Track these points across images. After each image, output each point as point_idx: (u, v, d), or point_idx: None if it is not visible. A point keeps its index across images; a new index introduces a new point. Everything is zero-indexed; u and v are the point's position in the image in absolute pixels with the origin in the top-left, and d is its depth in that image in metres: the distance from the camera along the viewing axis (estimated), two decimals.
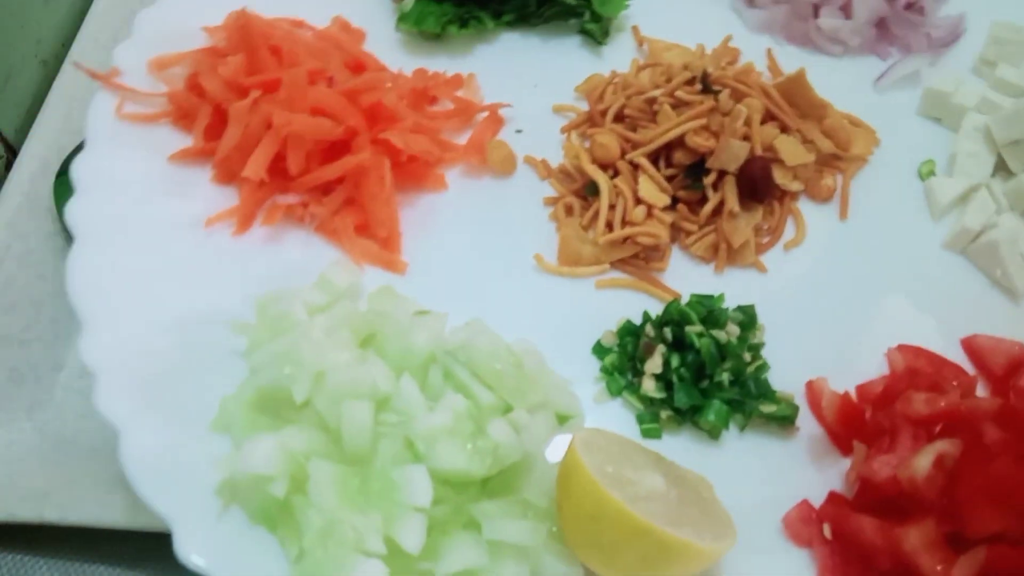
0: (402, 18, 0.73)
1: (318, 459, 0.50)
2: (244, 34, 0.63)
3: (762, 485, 0.57)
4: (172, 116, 0.65)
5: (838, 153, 0.68)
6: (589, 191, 0.64)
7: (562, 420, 0.57)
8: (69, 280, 0.58)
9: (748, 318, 0.60)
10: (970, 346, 0.61)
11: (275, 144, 0.62)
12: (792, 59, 0.73)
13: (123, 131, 0.64)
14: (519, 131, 0.70)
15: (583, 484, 0.49)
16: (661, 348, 0.58)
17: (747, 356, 0.59)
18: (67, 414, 0.69)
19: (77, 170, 0.62)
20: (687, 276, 0.64)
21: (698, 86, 0.65)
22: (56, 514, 0.62)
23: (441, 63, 0.73)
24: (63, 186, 0.74)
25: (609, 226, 0.63)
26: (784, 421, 0.58)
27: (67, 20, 0.87)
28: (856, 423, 0.57)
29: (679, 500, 0.50)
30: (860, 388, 0.59)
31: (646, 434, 0.58)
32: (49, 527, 0.62)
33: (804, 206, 0.67)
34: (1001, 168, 0.68)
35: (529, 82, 0.72)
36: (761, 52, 0.74)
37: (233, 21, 0.64)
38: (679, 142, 0.64)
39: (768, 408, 0.57)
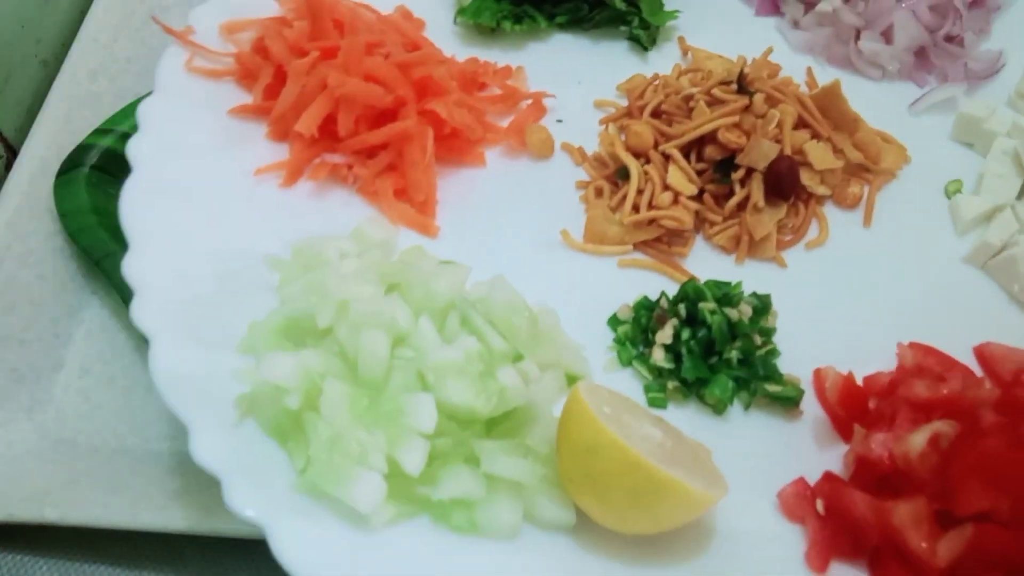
0: (461, 11, 0.78)
1: (332, 378, 0.52)
2: (311, 3, 0.68)
3: (761, 462, 0.58)
4: (237, 74, 0.70)
5: (867, 165, 0.70)
6: (620, 175, 0.67)
7: (571, 381, 0.58)
8: (122, 203, 0.62)
9: (763, 304, 0.62)
10: (981, 353, 0.62)
11: (328, 104, 0.66)
12: (831, 79, 0.76)
13: (190, 84, 0.69)
14: (560, 120, 0.73)
15: (581, 417, 0.50)
16: (673, 320, 0.60)
17: (758, 339, 0.60)
18: (67, 414, 0.69)
19: (143, 111, 0.66)
20: (707, 264, 0.67)
21: (734, 86, 0.68)
22: (56, 514, 0.61)
23: (493, 55, 0.77)
24: (63, 186, 0.76)
25: (636, 209, 0.66)
26: (788, 403, 0.59)
27: (67, 20, 0.87)
28: (858, 408, 0.58)
29: (673, 450, 0.52)
30: (867, 379, 0.60)
31: (652, 403, 0.60)
32: (49, 527, 0.62)
33: (829, 211, 0.69)
34: None
35: (574, 79, 0.76)
36: (801, 71, 0.77)
37: None
38: (711, 138, 0.67)
39: (774, 388, 0.59)
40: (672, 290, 0.64)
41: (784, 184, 0.66)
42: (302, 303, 0.57)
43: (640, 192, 0.66)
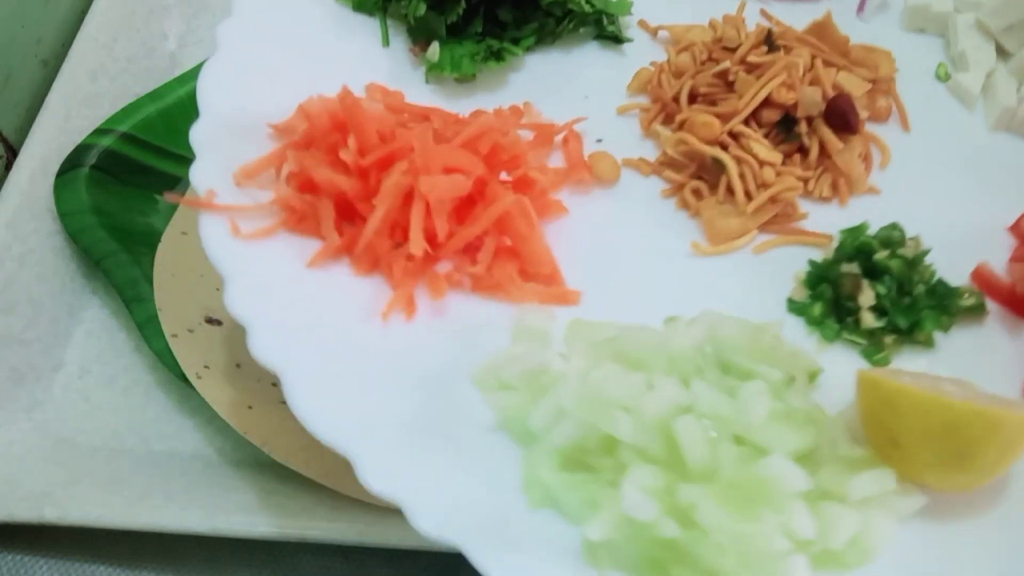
0: (432, 68, 0.71)
1: (686, 486, 0.47)
2: (353, 114, 0.59)
3: (983, 374, 0.60)
4: (288, 223, 0.59)
5: (874, 77, 0.74)
6: (709, 169, 0.66)
7: (812, 377, 0.58)
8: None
9: (902, 233, 0.64)
10: None
11: (423, 213, 0.58)
12: (782, 15, 0.78)
13: (242, 250, 0.58)
14: (599, 140, 0.70)
15: (919, 402, 0.49)
16: (865, 281, 0.60)
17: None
18: (67, 414, 0.69)
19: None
20: (814, 221, 0.66)
21: (764, 48, 0.69)
22: (56, 514, 0.62)
23: (477, 101, 0.71)
24: (63, 186, 0.76)
25: (746, 194, 0.65)
26: (977, 310, 0.62)
27: (67, 20, 0.86)
28: None
29: (979, 394, 0.53)
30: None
31: (878, 364, 0.60)
32: (49, 527, 0.62)
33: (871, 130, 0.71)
34: (1000, 53, 0.76)
35: (578, 95, 0.72)
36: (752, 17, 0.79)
37: (338, 103, 0.60)
38: (764, 102, 0.67)
39: (967, 302, 0.62)
40: (800, 260, 0.64)
41: (850, 118, 0.67)
42: (576, 426, 0.50)
43: (742, 177, 0.65)
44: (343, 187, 0.58)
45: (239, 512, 0.63)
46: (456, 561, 0.63)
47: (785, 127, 0.67)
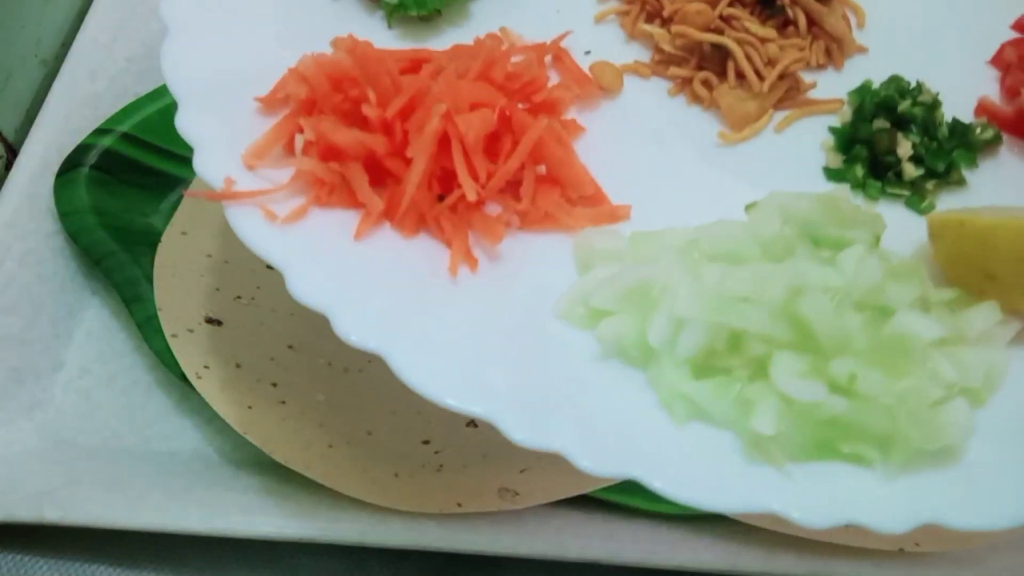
0: (394, 9, 0.66)
1: (837, 360, 0.46)
2: (365, 64, 0.53)
3: (1016, 198, 0.62)
4: (320, 198, 0.53)
5: None
6: (718, 54, 0.64)
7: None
8: None
9: (907, 82, 0.65)
10: None
11: (463, 156, 0.54)
12: None
13: (283, 237, 0.52)
14: (588, 52, 0.67)
15: (1014, 232, 0.50)
16: (899, 133, 0.61)
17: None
18: (67, 414, 0.69)
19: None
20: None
21: None
22: (56, 514, 0.61)
23: (451, 38, 0.67)
24: (63, 186, 0.76)
25: (756, 74, 0.64)
26: (995, 141, 0.63)
27: (67, 20, 0.86)
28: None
29: None
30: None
31: (924, 211, 0.61)
32: (49, 527, 0.62)
33: None
34: None
35: (549, 10, 0.69)
36: None
37: (343, 57, 0.54)
38: None
39: (985, 135, 0.63)
40: (816, 130, 0.64)
41: None
42: (702, 331, 0.48)
43: (749, 59, 0.64)
44: (372, 145, 0.53)
45: (239, 512, 0.63)
46: (455, 561, 0.63)
47: (766, 2, 0.66)
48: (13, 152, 0.79)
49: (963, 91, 0.65)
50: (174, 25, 0.58)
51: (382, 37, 0.66)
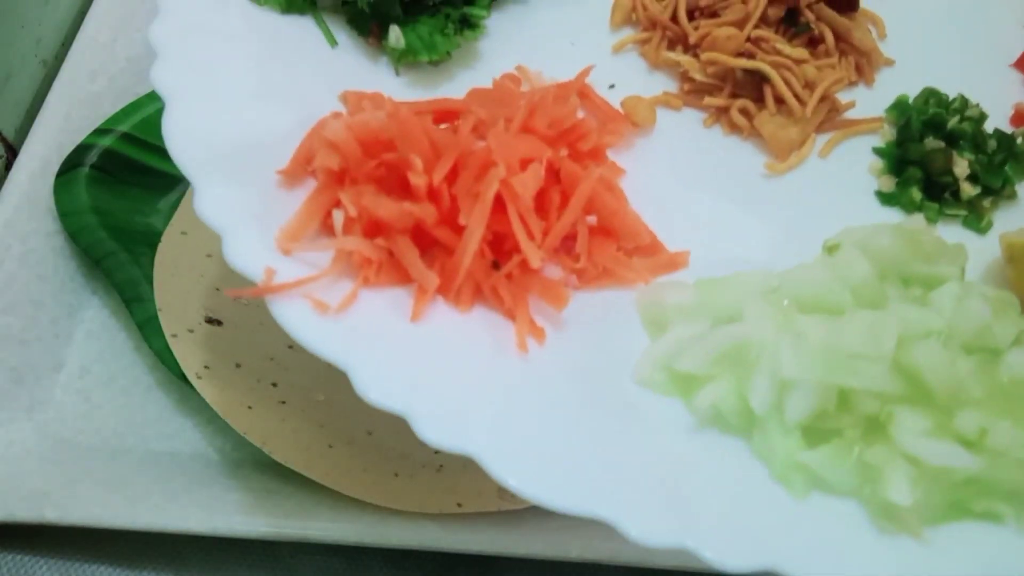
0: (403, 55, 0.61)
1: (964, 413, 0.43)
2: (405, 129, 0.48)
3: None
4: (368, 278, 0.48)
5: None
6: (751, 80, 0.61)
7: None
8: None
9: (946, 96, 0.63)
10: None
11: (520, 218, 0.49)
12: None
13: (336, 328, 0.47)
14: (612, 86, 0.63)
15: None
16: (953, 152, 0.58)
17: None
18: (67, 414, 0.69)
19: None
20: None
21: None
22: (56, 514, 0.62)
23: (464, 82, 0.63)
24: (63, 186, 0.76)
25: (797, 98, 0.60)
26: None
27: (67, 20, 0.87)
28: None
29: None
30: None
31: (983, 230, 0.59)
32: (49, 527, 0.62)
33: None
34: None
35: (562, 44, 0.65)
36: None
37: (380, 121, 0.49)
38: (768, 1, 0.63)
39: None
40: (859, 151, 0.61)
41: None
42: (811, 392, 0.45)
43: (787, 83, 0.61)
44: (421, 216, 0.48)
45: (239, 512, 0.63)
46: (455, 561, 0.61)
47: (791, 21, 0.63)
48: (13, 152, 0.79)
49: (992, 98, 0.64)
50: (171, 95, 0.52)
51: (390, 85, 0.61)
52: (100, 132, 0.78)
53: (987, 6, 0.69)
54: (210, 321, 0.68)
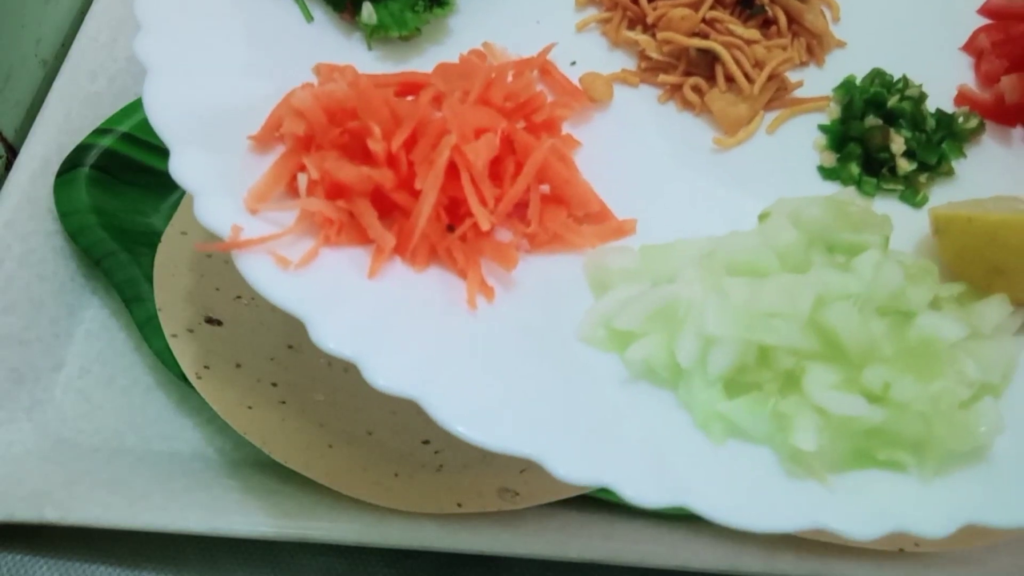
0: (374, 31, 0.64)
1: (871, 369, 0.47)
2: (366, 97, 0.52)
3: (1003, 185, 0.63)
4: (330, 238, 0.52)
5: None
6: (705, 59, 0.64)
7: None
8: None
9: (890, 76, 0.66)
10: None
11: (472, 184, 0.53)
12: None
13: (297, 282, 0.50)
14: (573, 63, 0.66)
15: (1008, 226, 0.50)
16: (891, 129, 0.61)
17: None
18: (67, 414, 0.70)
19: None
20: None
21: None
22: (56, 514, 0.62)
23: (433, 56, 0.66)
24: (63, 186, 0.76)
25: (746, 77, 0.64)
26: (979, 130, 0.64)
27: (67, 20, 0.87)
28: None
29: None
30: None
31: (919, 205, 0.62)
32: (49, 527, 0.62)
33: None
34: None
35: (528, 21, 0.68)
36: None
37: (342, 90, 0.52)
38: None
39: (969, 124, 0.64)
40: (805, 128, 0.64)
41: None
42: (732, 348, 0.48)
43: (737, 62, 0.64)
44: (379, 180, 0.52)
45: (239, 512, 0.63)
46: (455, 561, 0.63)
47: (746, 3, 0.66)
48: (13, 152, 0.79)
49: (940, 80, 0.67)
50: (153, 65, 0.56)
51: (362, 59, 0.64)
52: (100, 132, 0.79)
53: None
54: (210, 321, 0.69)
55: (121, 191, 0.77)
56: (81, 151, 0.78)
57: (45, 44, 0.85)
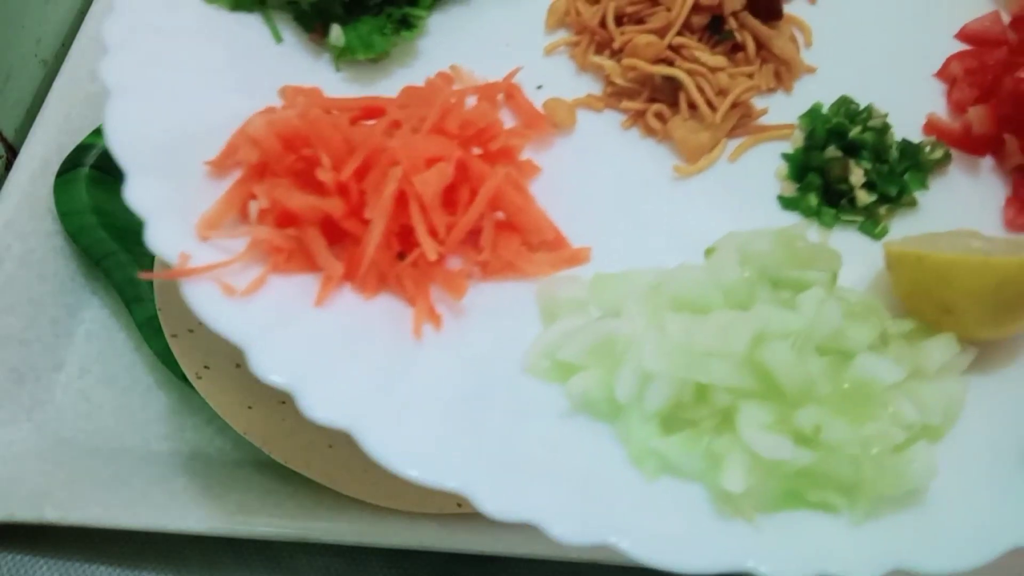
0: (342, 53, 0.65)
1: (803, 410, 0.47)
2: (316, 127, 0.52)
3: (966, 217, 0.63)
4: (278, 265, 0.53)
5: None
6: (670, 86, 0.64)
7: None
8: None
9: (856, 105, 0.65)
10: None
11: (421, 213, 0.54)
12: None
13: (242, 310, 0.51)
14: (540, 87, 0.66)
15: (971, 269, 0.51)
16: (851, 160, 0.61)
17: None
18: (67, 414, 0.70)
19: None
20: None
21: None
22: (56, 514, 0.62)
23: (401, 78, 0.66)
24: (63, 186, 0.76)
25: (708, 105, 0.64)
26: (944, 160, 0.64)
27: (67, 20, 0.87)
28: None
29: (1006, 244, 0.55)
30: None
31: (879, 236, 0.61)
32: (49, 527, 0.62)
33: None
34: None
35: (497, 44, 0.68)
36: None
37: (292, 119, 0.53)
38: (691, 9, 0.66)
39: (935, 155, 0.64)
40: (769, 156, 0.64)
41: (774, 4, 0.67)
42: (668, 385, 0.49)
43: (700, 89, 0.64)
44: (328, 209, 0.52)
45: (239, 512, 0.63)
46: (455, 561, 0.63)
47: (714, 29, 0.66)
48: (13, 152, 0.79)
49: (912, 107, 0.66)
50: (116, 87, 0.57)
51: (330, 80, 0.65)
52: (100, 132, 0.76)
53: (918, 15, 0.71)
54: None
55: (121, 191, 0.76)
56: (81, 151, 0.78)
57: (45, 44, 0.85)
